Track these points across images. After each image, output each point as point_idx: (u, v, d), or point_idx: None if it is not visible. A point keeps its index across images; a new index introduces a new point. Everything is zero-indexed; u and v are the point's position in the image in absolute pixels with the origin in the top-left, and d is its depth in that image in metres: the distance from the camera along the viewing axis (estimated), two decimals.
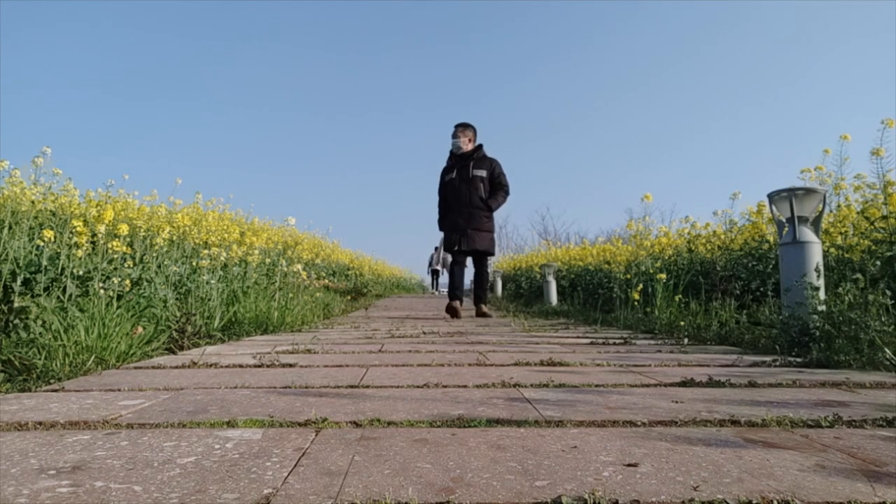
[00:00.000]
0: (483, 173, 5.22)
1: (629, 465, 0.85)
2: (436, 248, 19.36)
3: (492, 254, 5.43)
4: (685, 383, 1.54)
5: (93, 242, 2.73)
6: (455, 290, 5.39)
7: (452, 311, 5.04)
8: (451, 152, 5.45)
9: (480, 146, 5.38)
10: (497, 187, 5.29)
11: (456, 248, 5.32)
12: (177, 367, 1.86)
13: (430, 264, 19.59)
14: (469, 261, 5.58)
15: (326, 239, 10.55)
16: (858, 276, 2.29)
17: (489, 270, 6.18)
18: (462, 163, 5.30)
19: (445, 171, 5.49)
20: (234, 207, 6.61)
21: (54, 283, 2.37)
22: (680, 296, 3.61)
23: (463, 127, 5.41)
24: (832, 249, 3.02)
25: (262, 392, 1.43)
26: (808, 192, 2.41)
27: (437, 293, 17.45)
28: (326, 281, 8.21)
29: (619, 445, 0.95)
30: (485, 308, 5.36)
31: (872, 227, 2.89)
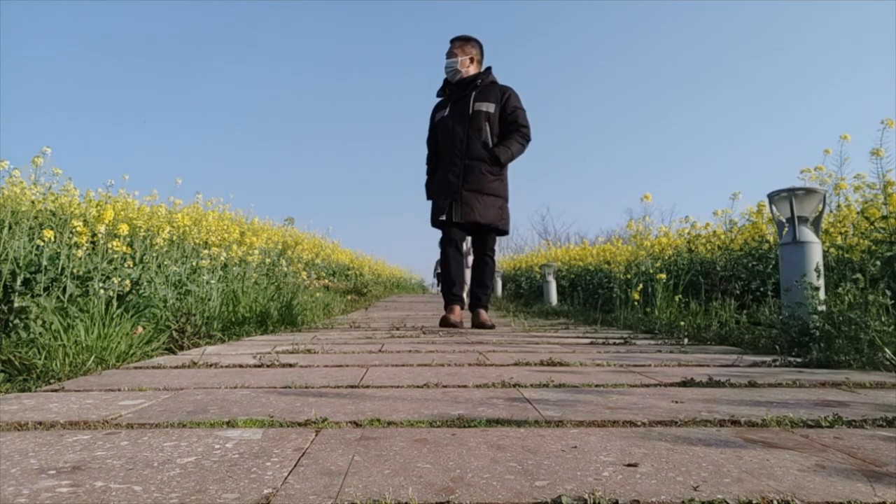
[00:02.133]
0: (490, 107, 3.50)
1: (629, 465, 0.85)
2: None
3: (502, 231, 3.62)
4: (685, 383, 1.54)
5: (93, 242, 2.73)
6: (453, 290, 3.61)
7: (449, 323, 3.45)
8: (445, 80, 3.70)
9: (488, 70, 3.65)
10: (511, 129, 3.53)
11: (444, 217, 3.54)
12: (177, 367, 1.86)
13: (436, 269, 19.60)
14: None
15: (326, 239, 10.57)
16: (858, 276, 2.29)
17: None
18: (459, 94, 3.59)
19: (437, 109, 3.78)
20: (234, 207, 6.62)
21: (54, 283, 2.37)
22: (680, 296, 3.61)
23: (461, 41, 3.62)
24: (832, 249, 3.02)
25: (262, 392, 1.43)
26: (808, 192, 2.41)
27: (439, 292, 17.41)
28: (326, 281, 8.22)
29: (619, 445, 0.95)
30: (484, 315, 3.59)
31: (872, 227, 2.89)
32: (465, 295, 3.93)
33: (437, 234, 3.84)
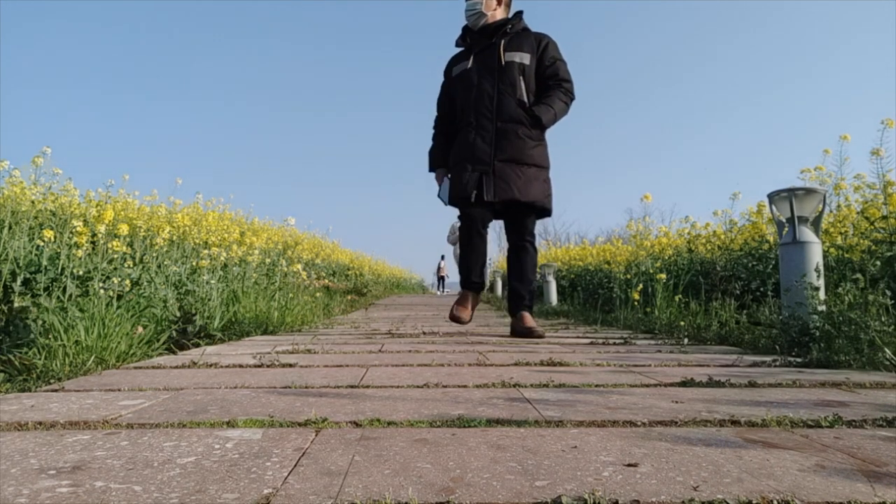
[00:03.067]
0: (525, 58, 2.85)
1: (629, 465, 0.85)
2: (442, 257, 19.57)
3: (548, 210, 2.96)
4: (685, 383, 1.54)
5: (93, 242, 2.73)
6: (471, 276, 3.01)
7: (459, 318, 2.98)
8: (465, 28, 3.02)
9: (519, 14, 2.99)
10: (551, 84, 2.90)
11: (474, 194, 2.81)
12: (177, 367, 1.86)
13: (438, 270, 19.71)
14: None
15: (326, 239, 10.57)
16: (858, 276, 2.29)
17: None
18: (485, 42, 2.93)
19: (454, 61, 3.08)
20: (235, 207, 6.62)
21: (54, 283, 2.37)
22: (680, 296, 3.61)
23: None
24: (832, 249, 3.02)
25: (262, 392, 1.43)
26: (808, 192, 2.41)
27: (439, 293, 17.48)
28: (326, 281, 8.21)
29: (619, 445, 0.95)
30: (530, 319, 2.92)
31: (872, 227, 2.89)
32: (485, 280, 3.25)
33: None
